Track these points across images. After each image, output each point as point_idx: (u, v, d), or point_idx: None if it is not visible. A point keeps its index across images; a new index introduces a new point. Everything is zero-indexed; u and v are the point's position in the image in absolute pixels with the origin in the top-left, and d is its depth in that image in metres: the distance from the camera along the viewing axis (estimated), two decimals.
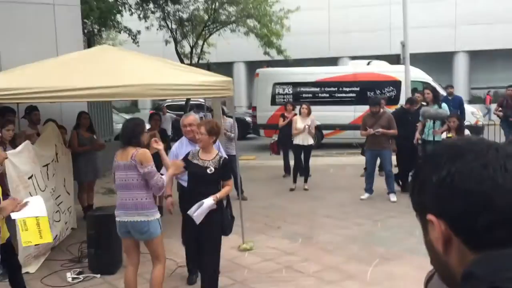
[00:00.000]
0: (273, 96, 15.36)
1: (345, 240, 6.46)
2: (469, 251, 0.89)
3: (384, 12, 24.08)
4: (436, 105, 8.93)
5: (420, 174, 0.98)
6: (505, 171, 0.89)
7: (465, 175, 0.89)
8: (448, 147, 0.97)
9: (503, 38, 23.27)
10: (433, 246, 0.95)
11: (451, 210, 0.90)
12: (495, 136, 11.78)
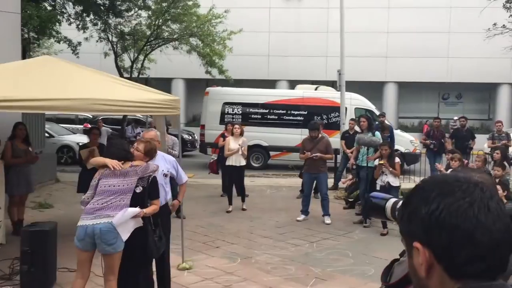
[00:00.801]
0: (222, 115, 15.43)
1: (283, 261, 6.63)
2: (449, 278, 0.99)
3: (321, 40, 25.05)
4: (370, 133, 9.43)
5: (411, 204, 1.07)
6: (488, 210, 0.99)
7: (453, 211, 0.99)
8: (439, 182, 1.05)
9: (428, 71, 24.90)
10: (416, 270, 1.04)
11: (437, 241, 0.99)
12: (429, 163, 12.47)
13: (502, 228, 0.99)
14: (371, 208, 1.89)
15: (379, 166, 8.53)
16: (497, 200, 1.02)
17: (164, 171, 5.13)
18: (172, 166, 5.27)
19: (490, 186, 1.80)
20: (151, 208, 4.49)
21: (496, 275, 1.01)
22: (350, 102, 15.25)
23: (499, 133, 12.43)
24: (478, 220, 0.97)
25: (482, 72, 24.15)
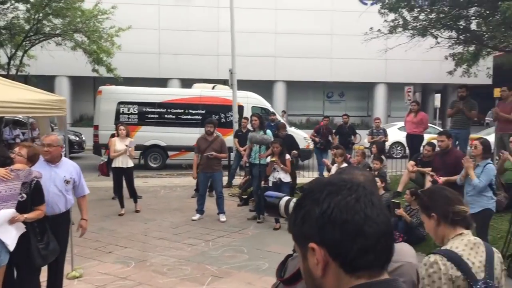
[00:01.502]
0: (117, 115, 14.82)
1: (178, 261, 6.60)
2: (344, 273, 1.07)
3: (212, 39, 25.19)
4: (262, 131, 9.71)
5: (303, 207, 1.12)
6: (372, 204, 1.09)
7: (342, 207, 1.07)
8: (327, 184, 1.13)
9: (314, 71, 26.21)
10: (310, 271, 1.10)
11: (331, 238, 1.06)
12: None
13: (385, 219, 1.10)
14: (266, 207, 1.99)
15: (270, 163, 8.83)
16: (377, 196, 1.15)
17: (67, 177, 4.85)
18: (77, 173, 5.00)
19: (371, 183, 1.98)
20: (34, 213, 4.23)
21: (385, 265, 1.12)
22: (247, 101, 15.56)
23: (377, 129, 13.49)
24: (365, 214, 1.06)
25: (361, 72, 25.98)
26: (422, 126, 11.08)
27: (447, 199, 2.50)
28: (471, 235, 2.47)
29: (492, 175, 6.36)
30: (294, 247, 1.19)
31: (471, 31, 10.25)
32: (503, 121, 8.96)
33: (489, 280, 2.30)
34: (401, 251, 1.90)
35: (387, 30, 10.83)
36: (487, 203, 6.32)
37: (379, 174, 9.03)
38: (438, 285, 2.26)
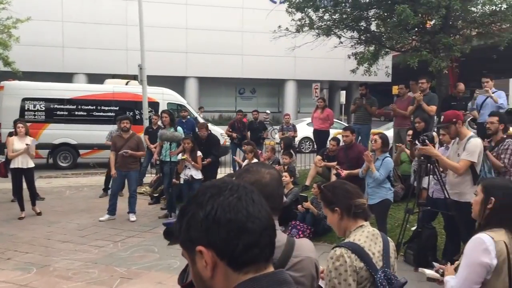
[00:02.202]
0: (21, 112, 13.80)
1: (85, 265, 6.33)
2: (232, 271, 1.10)
3: (121, 33, 24.38)
4: (173, 128, 9.58)
5: (188, 212, 1.14)
6: (253, 202, 1.13)
7: (226, 207, 1.10)
8: (209, 187, 1.17)
9: (225, 67, 26.35)
10: (200, 275, 1.12)
11: (217, 238, 1.09)
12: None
13: (266, 215, 1.15)
14: (167, 235, 1.99)
15: (181, 160, 8.75)
16: (258, 194, 1.19)
17: None
18: None
19: (276, 179, 2.03)
20: None
21: (269, 257, 1.17)
22: (163, 97, 15.25)
23: (287, 125, 13.86)
24: (247, 211, 1.11)
25: (272, 69, 26.57)
26: (328, 122, 11.57)
27: (349, 193, 2.62)
28: (369, 226, 2.62)
29: (390, 168, 6.80)
30: (182, 253, 1.20)
31: (371, 31, 10.86)
32: (400, 116, 9.59)
33: (386, 269, 2.47)
34: (300, 246, 1.97)
35: (294, 29, 11.14)
36: (386, 194, 6.74)
37: (288, 169, 9.30)
38: (344, 277, 2.36)
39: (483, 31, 9.81)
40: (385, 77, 12.43)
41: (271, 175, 1.99)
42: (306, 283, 1.91)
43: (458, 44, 9.50)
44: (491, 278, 2.55)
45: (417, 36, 10.34)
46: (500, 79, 46.16)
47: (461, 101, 9.40)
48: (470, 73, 32.35)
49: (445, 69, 9.56)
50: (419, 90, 9.10)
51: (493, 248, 2.57)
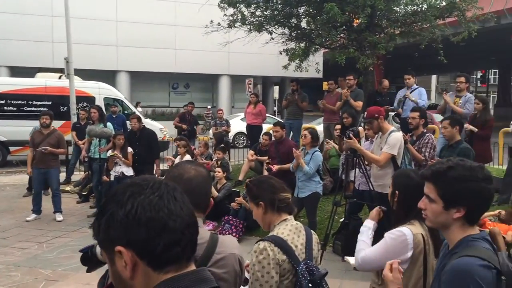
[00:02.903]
0: None
1: (6, 267, 6.02)
2: (152, 271, 1.09)
3: (46, 24, 23.23)
4: (102, 124, 9.29)
5: (106, 211, 1.11)
6: (175, 200, 1.12)
7: (146, 205, 1.08)
8: (129, 185, 1.14)
9: (158, 61, 25.84)
10: (119, 275, 1.10)
11: (137, 238, 1.07)
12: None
13: (188, 212, 1.15)
14: (85, 261, 1.96)
15: (111, 157, 8.52)
16: (180, 191, 1.19)
17: None
18: None
19: (204, 177, 2.03)
20: None
21: (191, 256, 1.17)
22: (99, 91, 14.72)
23: (220, 120, 13.87)
24: (169, 209, 1.10)
25: (206, 64, 26.38)
26: (261, 117, 11.70)
27: (273, 187, 2.67)
28: (293, 220, 2.69)
29: (320, 162, 7.00)
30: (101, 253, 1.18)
31: (302, 28, 11.08)
32: (329, 112, 9.88)
33: (309, 261, 2.55)
34: (223, 243, 2.00)
35: (226, 24, 11.15)
36: (316, 187, 6.94)
37: (221, 164, 9.32)
38: (267, 270, 2.42)
39: (406, 30, 10.31)
40: (317, 73, 12.73)
41: (196, 171, 1.99)
42: (230, 279, 1.94)
43: (383, 42, 9.93)
44: (407, 268, 2.70)
45: (345, 34, 10.68)
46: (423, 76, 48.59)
47: (385, 96, 9.83)
48: (396, 69, 33.92)
49: (371, 66, 9.95)
50: (346, 86, 9.42)
51: (411, 241, 2.72)
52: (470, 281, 1.74)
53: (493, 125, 7.90)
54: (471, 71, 48.76)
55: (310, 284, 2.42)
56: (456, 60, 32.10)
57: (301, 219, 7.69)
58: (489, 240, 1.95)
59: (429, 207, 1.97)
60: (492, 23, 20.40)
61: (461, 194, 1.87)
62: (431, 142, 6.27)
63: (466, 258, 1.81)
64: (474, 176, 1.87)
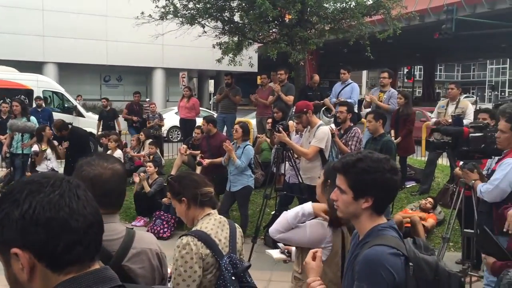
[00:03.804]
0: None
1: None
2: (52, 273, 1.04)
3: None
4: (25, 118, 8.85)
5: (1, 211, 1.05)
6: (77, 198, 1.08)
7: (46, 205, 1.03)
8: (27, 183, 1.08)
9: (89, 53, 24.92)
10: (16, 278, 1.05)
11: (35, 239, 1.02)
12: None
13: (92, 211, 1.11)
14: None
15: (41, 152, 8.15)
16: (83, 189, 1.15)
17: None
18: None
19: (119, 174, 1.99)
20: None
21: (95, 255, 1.14)
22: (37, 84, 13.99)
23: (153, 114, 13.60)
24: (70, 208, 1.06)
25: (139, 56, 25.77)
26: (194, 111, 11.62)
27: (195, 182, 2.67)
28: (217, 214, 2.70)
29: (251, 155, 7.07)
30: None
31: (234, 22, 11.09)
32: (262, 106, 9.99)
33: (232, 254, 2.57)
34: (140, 238, 1.99)
35: (158, 16, 10.94)
36: (247, 181, 7.01)
37: (154, 159, 9.18)
38: (190, 265, 2.42)
39: (335, 26, 10.59)
40: (250, 67, 12.80)
41: (113, 171, 1.95)
42: (147, 274, 1.93)
43: (313, 38, 10.16)
44: (328, 258, 2.79)
45: (277, 29, 10.82)
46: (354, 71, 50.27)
47: (316, 91, 10.06)
48: (328, 65, 34.87)
49: (301, 61, 10.15)
50: (278, 80, 9.56)
51: (330, 234, 2.82)
52: (381, 268, 1.84)
53: (414, 119, 8.32)
54: (399, 67, 51.04)
55: (233, 277, 2.45)
56: (384, 57, 33.48)
57: (233, 213, 7.76)
58: (396, 228, 2.06)
59: (340, 198, 2.05)
60: (417, 22, 21.48)
61: (368, 185, 1.96)
62: (357, 135, 6.51)
63: (376, 247, 1.90)
64: (381, 167, 1.96)
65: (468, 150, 4.12)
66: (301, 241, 2.81)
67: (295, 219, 2.84)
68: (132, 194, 8.24)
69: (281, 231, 2.86)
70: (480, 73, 73.39)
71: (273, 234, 2.90)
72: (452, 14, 20.25)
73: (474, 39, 26.88)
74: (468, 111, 7.46)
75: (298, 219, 2.85)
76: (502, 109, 4.51)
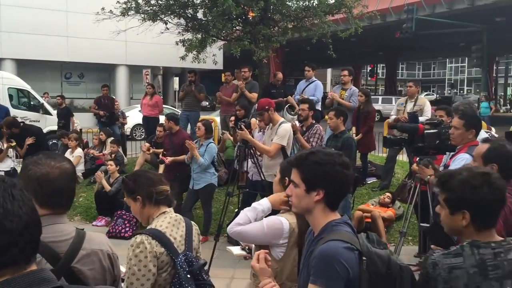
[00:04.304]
0: None
1: None
2: None
3: None
4: None
5: None
6: (13, 198, 1.05)
7: None
8: None
9: (49, 49, 24.23)
10: None
11: None
12: None
13: (28, 211, 1.08)
14: None
15: (5, 150, 7.91)
16: (20, 188, 1.12)
17: None
18: None
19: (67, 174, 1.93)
20: None
21: (31, 256, 1.11)
22: (2, 81, 13.52)
23: (116, 111, 13.34)
24: (5, 209, 1.03)
25: (101, 53, 25.20)
26: (158, 108, 11.48)
27: (150, 180, 2.65)
28: (173, 212, 2.68)
29: (214, 153, 7.07)
30: None
31: (198, 19, 11.02)
32: (226, 103, 9.97)
33: (188, 252, 2.56)
34: (91, 239, 1.96)
35: (119, 12, 10.75)
36: (210, 178, 7.01)
37: (115, 157, 9.02)
38: (144, 264, 2.39)
39: (298, 24, 10.67)
40: (218, 64, 12.75)
41: (60, 170, 1.90)
42: (97, 276, 1.90)
43: (276, 36, 10.21)
44: (283, 256, 2.81)
45: (240, 26, 10.82)
46: (319, 69, 50.80)
47: (280, 89, 10.10)
48: (293, 62, 35.12)
49: (265, 58, 10.18)
50: (242, 78, 9.56)
51: (287, 230, 2.84)
52: (336, 263, 1.87)
53: (375, 116, 8.48)
54: (362, 65, 51.93)
55: (188, 275, 2.44)
56: (348, 55, 33.98)
57: (197, 211, 7.72)
58: (350, 223, 2.10)
59: (294, 192, 2.08)
60: (379, 21, 21.88)
61: (319, 177, 1.99)
62: (319, 132, 6.58)
63: (330, 242, 1.92)
64: (332, 160, 2.00)
65: (423, 146, 4.23)
66: (258, 236, 2.81)
67: (254, 214, 2.85)
68: (93, 193, 8.11)
69: (240, 224, 2.85)
70: (440, 71, 75.40)
71: (231, 227, 2.88)
72: (413, 14, 20.76)
73: (434, 38, 27.63)
74: (425, 108, 7.65)
75: (257, 214, 2.86)
76: (455, 106, 4.66)
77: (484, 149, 2.98)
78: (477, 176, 1.93)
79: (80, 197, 8.81)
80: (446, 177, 2.05)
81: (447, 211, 2.01)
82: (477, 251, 1.91)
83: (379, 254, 1.93)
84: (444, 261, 1.92)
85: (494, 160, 2.85)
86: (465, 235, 1.98)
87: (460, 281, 1.88)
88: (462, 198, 1.93)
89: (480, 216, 1.92)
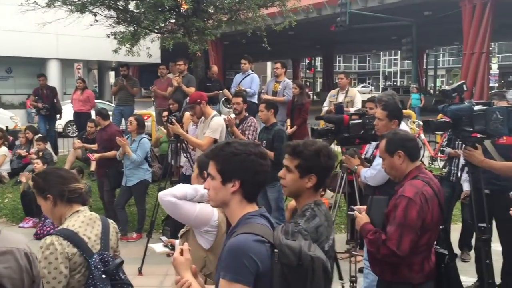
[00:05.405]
0: None
1: None
2: None
3: None
4: None
5: None
6: None
7: None
8: None
9: None
10: None
11: None
12: None
13: None
14: None
15: None
16: None
17: None
18: None
19: None
20: None
21: None
22: None
23: None
24: None
25: (31, 46, 23.99)
26: (89, 103, 11.11)
27: (62, 178, 2.54)
28: (87, 210, 2.58)
29: (147, 148, 6.93)
30: None
31: (130, 11, 10.69)
32: (161, 97, 9.78)
33: (104, 251, 2.47)
34: (5, 238, 1.88)
35: (44, 3, 10.22)
36: (144, 175, 6.88)
37: (43, 156, 8.64)
38: (55, 266, 2.29)
39: (232, 17, 10.60)
40: (156, 57, 12.42)
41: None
42: (13, 275, 1.83)
43: (210, 29, 10.10)
44: (212, 246, 2.80)
45: (173, 19, 10.61)
46: (258, 62, 51.02)
47: (215, 82, 10.05)
48: (233, 56, 35.04)
49: (199, 51, 10.07)
50: (177, 71, 9.40)
51: (215, 220, 2.81)
52: (244, 257, 1.85)
53: (309, 108, 8.60)
54: (301, 58, 52.70)
55: (103, 275, 2.36)
56: (286, 48, 34.37)
57: (131, 208, 7.55)
58: (267, 215, 2.09)
59: (211, 185, 2.05)
60: (315, 14, 22.25)
61: (235, 167, 1.98)
62: (254, 125, 6.59)
63: (240, 236, 1.91)
64: (247, 150, 1.99)
65: (349, 136, 4.33)
66: (187, 215, 2.80)
67: (194, 193, 2.84)
68: (19, 194, 7.75)
69: (176, 196, 2.81)
70: (375, 64, 77.89)
71: (165, 195, 2.84)
72: (346, 8, 21.25)
73: (367, 32, 28.45)
74: (356, 99, 7.87)
75: (195, 197, 2.85)
76: (379, 97, 4.80)
77: (383, 145, 3.21)
78: (323, 148, 2.27)
79: (6, 198, 8.39)
80: (299, 147, 2.28)
81: (296, 175, 2.26)
82: (321, 207, 2.25)
83: (290, 246, 1.92)
84: (310, 225, 2.16)
85: (399, 148, 3.09)
86: (305, 195, 2.27)
87: (324, 236, 2.17)
88: (314, 164, 2.23)
89: (322, 179, 2.28)
